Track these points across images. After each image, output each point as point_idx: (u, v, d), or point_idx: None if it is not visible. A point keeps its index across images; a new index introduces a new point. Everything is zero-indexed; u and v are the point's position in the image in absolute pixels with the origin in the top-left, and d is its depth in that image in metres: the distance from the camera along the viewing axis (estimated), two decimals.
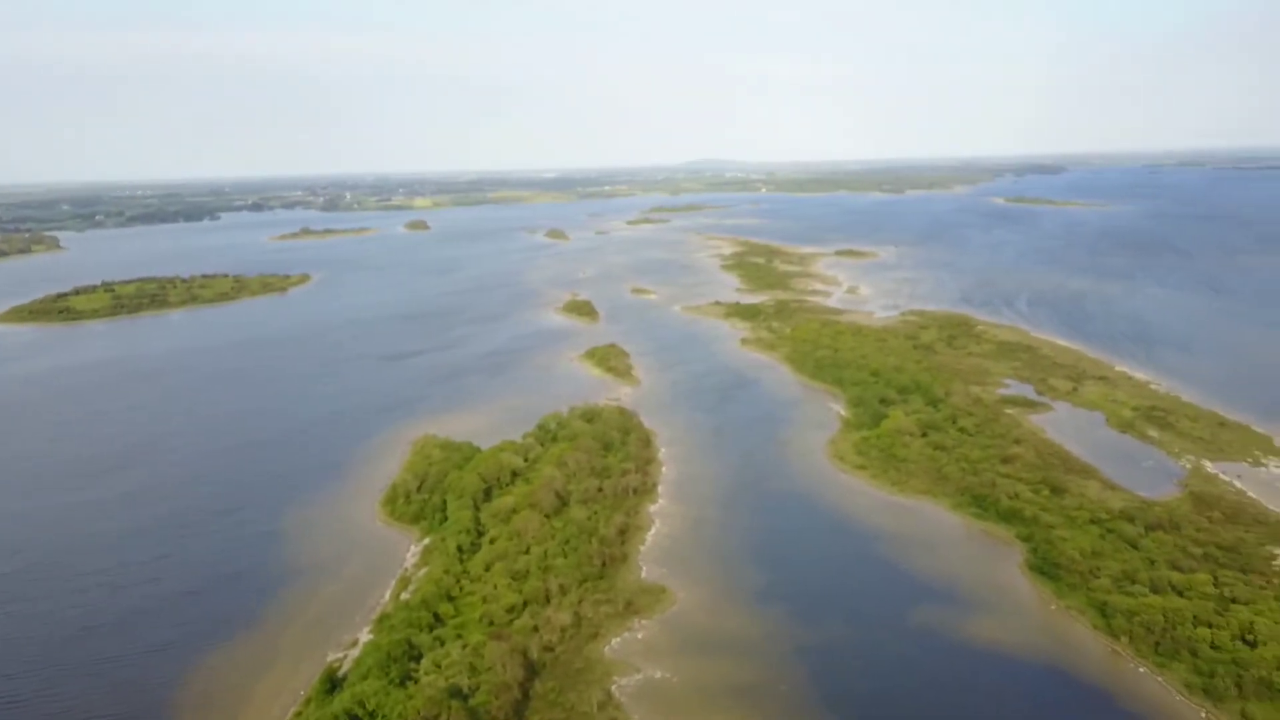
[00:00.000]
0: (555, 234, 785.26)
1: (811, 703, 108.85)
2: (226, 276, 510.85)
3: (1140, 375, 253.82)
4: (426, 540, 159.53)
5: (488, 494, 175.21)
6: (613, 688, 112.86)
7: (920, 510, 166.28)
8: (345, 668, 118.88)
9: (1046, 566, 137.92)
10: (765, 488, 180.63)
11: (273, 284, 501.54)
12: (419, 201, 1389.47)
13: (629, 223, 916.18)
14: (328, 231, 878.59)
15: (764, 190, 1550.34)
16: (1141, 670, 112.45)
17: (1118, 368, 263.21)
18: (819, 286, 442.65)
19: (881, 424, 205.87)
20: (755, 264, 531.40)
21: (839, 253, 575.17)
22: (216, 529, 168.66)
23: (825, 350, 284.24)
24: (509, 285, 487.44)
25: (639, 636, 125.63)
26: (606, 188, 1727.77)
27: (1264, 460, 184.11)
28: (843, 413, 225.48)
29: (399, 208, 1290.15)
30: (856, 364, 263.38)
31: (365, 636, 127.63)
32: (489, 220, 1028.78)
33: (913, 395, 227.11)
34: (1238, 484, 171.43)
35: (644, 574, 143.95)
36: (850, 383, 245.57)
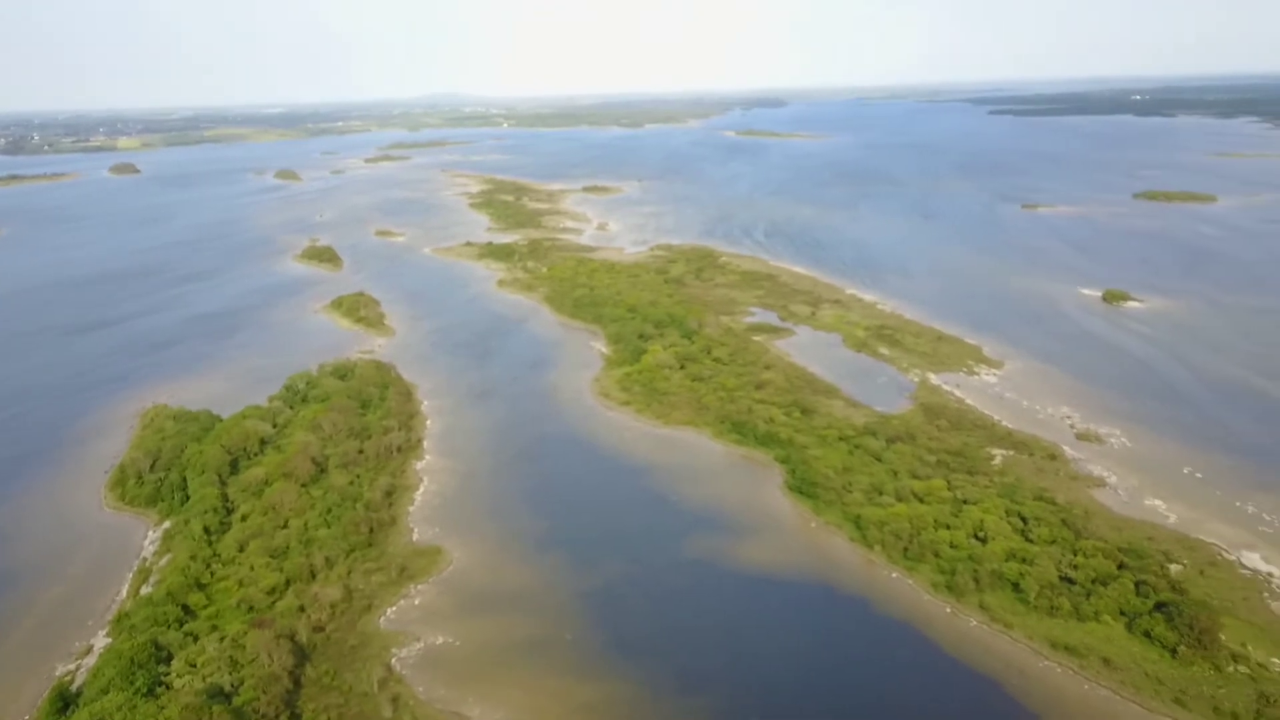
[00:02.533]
0: (286, 174, 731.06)
1: (597, 648, 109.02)
2: None
3: (869, 297, 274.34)
4: (166, 524, 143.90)
5: (234, 466, 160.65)
6: (393, 661, 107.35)
7: (686, 440, 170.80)
8: (80, 681, 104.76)
9: (805, 486, 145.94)
10: (534, 432, 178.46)
11: None
12: (124, 142, 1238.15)
13: (367, 161, 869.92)
14: (13, 178, 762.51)
15: (506, 125, 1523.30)
16: (894, 575, 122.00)
17: (848, 291, 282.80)
18: (570, 224, 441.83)
19: (642, 359, 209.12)
20: (505, 202, 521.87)
21: (586, 189, 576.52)
22: None
23: (582, 289, 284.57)
24: (237, 233, 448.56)
25: (416, 603, 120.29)
26: (339, 124, 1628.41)
27: (976, 369, 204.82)
28: (604, 350, 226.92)
29: (100, 149, 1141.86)
30: (613, 301, 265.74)
31: (102, 642, 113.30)
32: (209, 161, 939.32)
33: (669, 329, 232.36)
34: (958, 393, 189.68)
35: (416, 536, 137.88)
36: (609, 320, 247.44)
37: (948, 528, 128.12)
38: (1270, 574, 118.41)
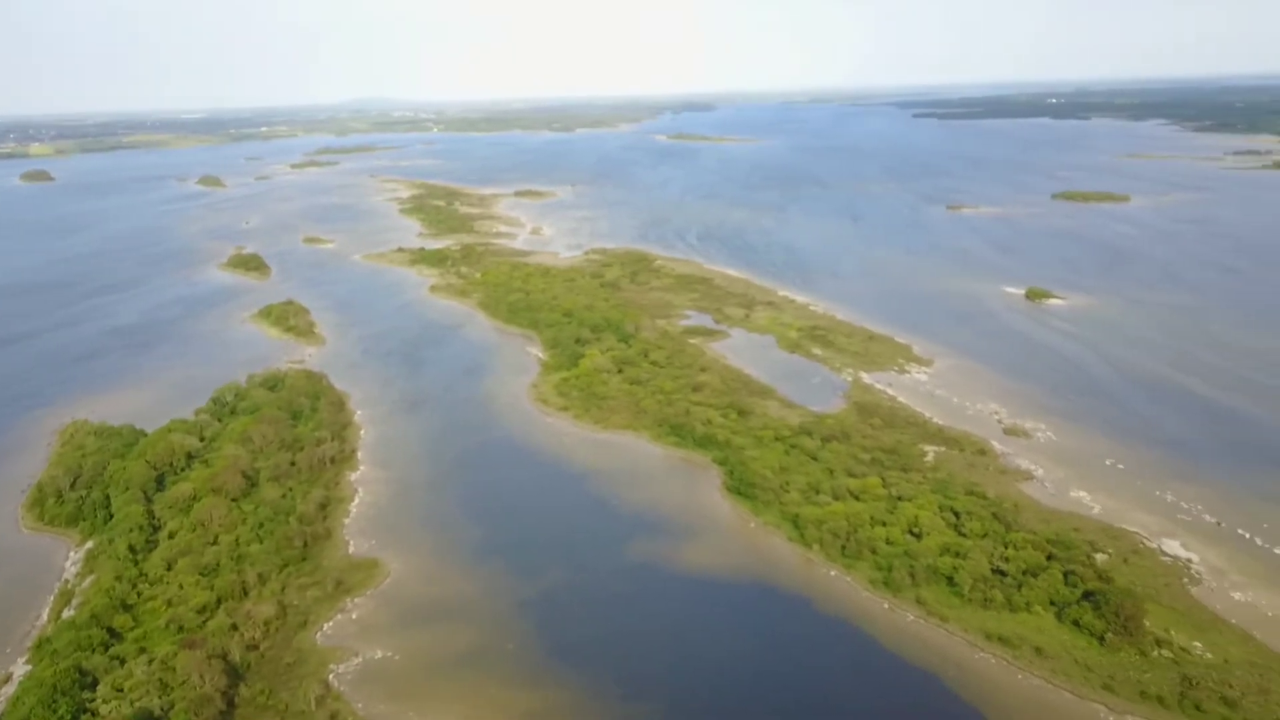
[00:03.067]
0: (209, 181, 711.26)
1: (539, 656, 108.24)
2: None
3: (801, 298, 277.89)
4: (89, 544, 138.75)
5: (160, 482, 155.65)
6: (330, 677, 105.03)
7: (624, 445, 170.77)
8: None
9: (743, 487, 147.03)
10: (471, 440, 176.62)
11: None
12: (36, 149, 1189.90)
13: (293, 166, 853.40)
14: None
15: (436, 130, 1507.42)
16: (833, 573, 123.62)
17: (781, 293, 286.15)
18: (503, 228, 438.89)
19: (579, 363, 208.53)
20: (436, 207, 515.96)
21: (519, 193, 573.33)
22: None
23: (517, 293, 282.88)
24: (159, 241, 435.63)
25: (353, 617, 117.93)
26: (263, 129, 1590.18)
27: (907, 368, 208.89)
28: (541, 355, 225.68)
29: (11, 155, 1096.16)
30: (549, 305, 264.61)
31: (21, 669, 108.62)
32: (127, 168, 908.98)
33: (605, 333, 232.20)
34: (890, 391, 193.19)
35: (351, 549, 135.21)
36: (545, 324, 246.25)
37: (884, 524, 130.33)
38: (1189, 560, 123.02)
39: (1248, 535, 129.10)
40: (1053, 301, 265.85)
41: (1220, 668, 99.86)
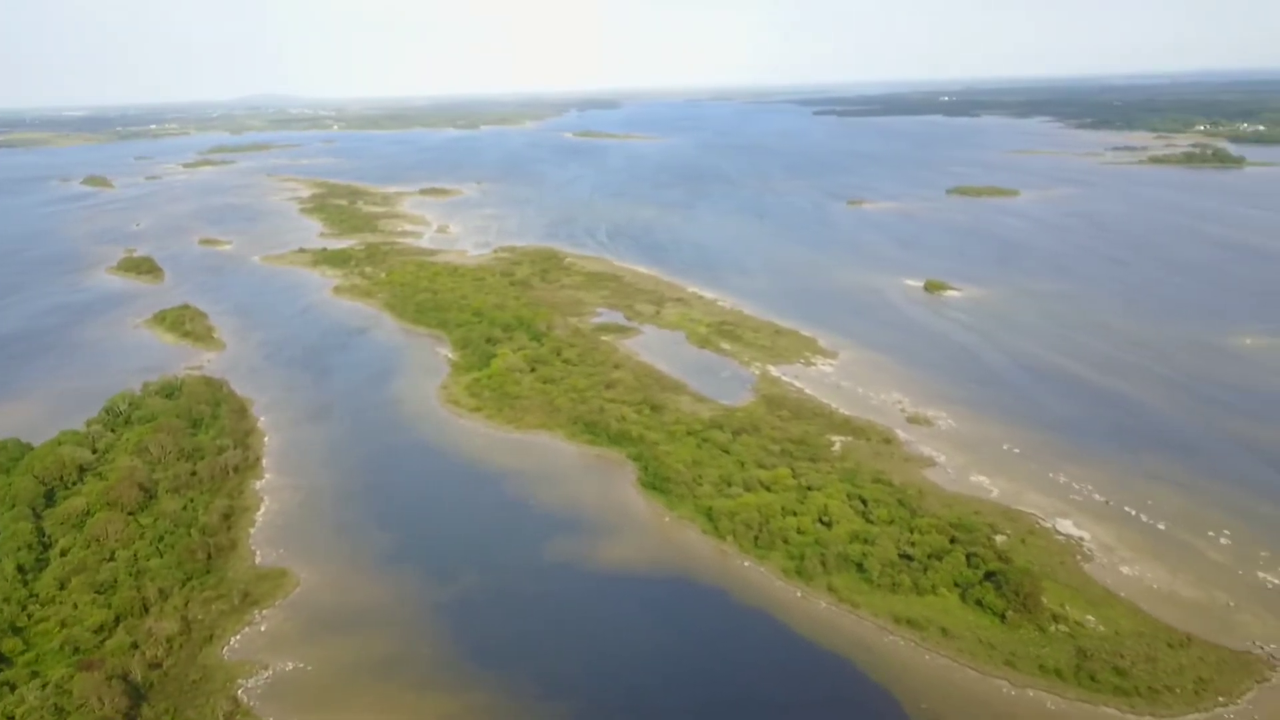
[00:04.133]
0: (95, 181, 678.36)
1: (456, 660, 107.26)
2: None
3: (709, 294, 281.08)
4: None
5: (50, 498, 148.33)
6: (239, 693, 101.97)
7: (539, 444, 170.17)
8: None
9: (657, 481, 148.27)
10: (381, 444, 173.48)
11: None
12: None
13: (186, 166, 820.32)
14: None
15: (336, 128, 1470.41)
16: (747, 564, 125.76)
17: (690, 289, 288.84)
18: (408, 227, 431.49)
19: (491, 363, 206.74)
20: (338, 206, 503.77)
21: (424, 191, 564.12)
22: None
23: (424, 293, 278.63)
24: (41, 245, 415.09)
25: (262, 629, 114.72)
26: (153, 127, 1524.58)
27: (813, 360, 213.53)
28: (451, 356, 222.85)
29: None
30: (458, 305, 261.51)
31: None
32: (3, 168, 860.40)
33: (516, 332, 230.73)
34: (797, 383, 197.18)
35: (258, 559, 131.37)
36: (454, 324, 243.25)
37: (794, 514, 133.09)
38: (1081, 538, 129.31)
39: (1134, 512, 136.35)
40: (950, 293, 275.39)
41: (1112, 639, 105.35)
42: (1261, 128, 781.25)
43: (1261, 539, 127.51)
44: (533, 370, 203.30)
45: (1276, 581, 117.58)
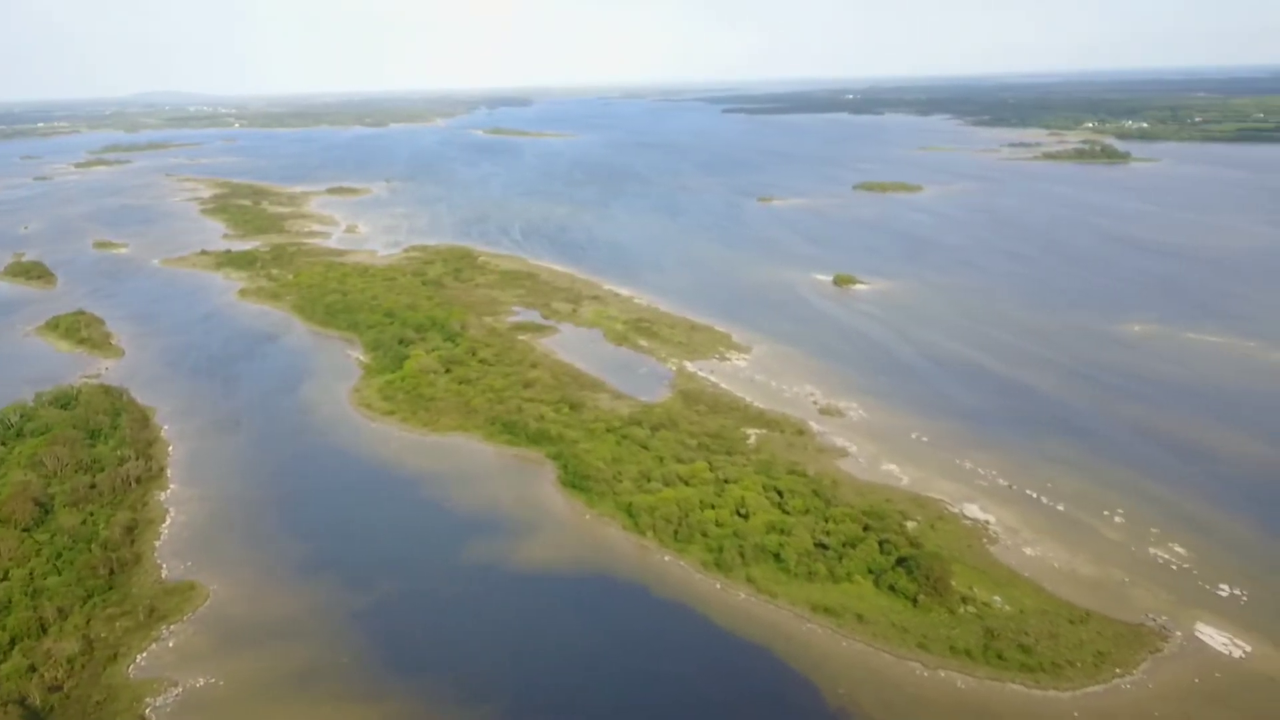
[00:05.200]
0: None
1: (375, 668, 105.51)
2: None
3: (625, 292, 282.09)
4: None
5: None
6: (147, 712, 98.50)
7: (456, 446, 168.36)
8: None
9: (577, 480, 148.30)
10: (292, 451, 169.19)
11: None
12: None
13: (78, 165, 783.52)
14: None
15: (238, 126, 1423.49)
16: (667, 558, 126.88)
17: (606, 287, 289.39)
18: (316, 227, 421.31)
19: (404, 365, 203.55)
20: (242, 206, 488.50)
21: (331, 190, 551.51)
22: None
23: (334, 295, 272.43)
24: None
25: (170, 645, 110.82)
26: (41, 125, 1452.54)
27: (728, 355, 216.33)
28: (362, 358, 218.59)
29: None
30: (369, 306, 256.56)
31: None
32: None
33: (430, 332, 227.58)
34: (713, 378, 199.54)
35: (165, 573, 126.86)
36: (365, 326, 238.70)
37: (713, 507, 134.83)
38: (987, 521, 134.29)
39: (1035, 495, 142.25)
40: (858, 287, 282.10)
41: (1017, 618, 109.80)
42: (1145, 125, 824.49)
43: (1152, 517, 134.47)
44: (448, 371, 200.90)
45: (1167, 557, 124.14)
